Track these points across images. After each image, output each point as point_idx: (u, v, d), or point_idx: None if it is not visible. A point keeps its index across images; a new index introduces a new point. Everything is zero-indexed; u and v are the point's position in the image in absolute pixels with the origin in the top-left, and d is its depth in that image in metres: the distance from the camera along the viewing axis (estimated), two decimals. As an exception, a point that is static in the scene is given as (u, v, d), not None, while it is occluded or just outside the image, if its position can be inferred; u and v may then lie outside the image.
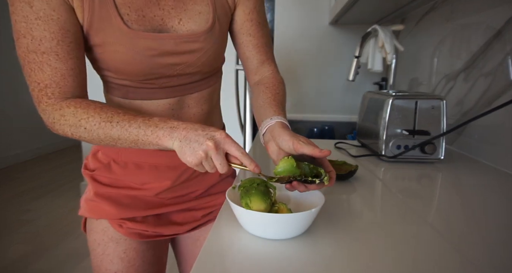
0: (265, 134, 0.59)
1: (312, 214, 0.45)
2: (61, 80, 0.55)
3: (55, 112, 0.55)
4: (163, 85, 0.63)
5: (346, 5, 1.43)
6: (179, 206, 0.74)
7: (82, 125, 0.54)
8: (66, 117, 0.54)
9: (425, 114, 0.87)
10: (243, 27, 0.70)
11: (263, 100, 0.65)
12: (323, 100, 2.06)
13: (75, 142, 4.78)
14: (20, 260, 1.89)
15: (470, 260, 0.41)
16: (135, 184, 0.70)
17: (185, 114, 0.68)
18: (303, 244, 0.44)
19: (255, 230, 0.46)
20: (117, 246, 0.69)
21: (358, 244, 0.45)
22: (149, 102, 0.65)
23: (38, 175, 3.41)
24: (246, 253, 0.42)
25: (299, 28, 2.00)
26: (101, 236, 0.70)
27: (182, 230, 0.75)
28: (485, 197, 0.66)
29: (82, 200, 0.73)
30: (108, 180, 0.70)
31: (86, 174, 0.72)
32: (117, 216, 0.69)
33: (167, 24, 0.59)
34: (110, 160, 0.70)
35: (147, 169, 0.69)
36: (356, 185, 0.70)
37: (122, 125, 0.53)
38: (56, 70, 0.54)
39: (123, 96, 0.64)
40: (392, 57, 1.41)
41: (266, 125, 0.58)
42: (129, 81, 0.62)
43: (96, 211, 0.70)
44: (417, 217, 0.55)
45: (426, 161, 0.89)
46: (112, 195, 0.70)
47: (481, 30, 0.95)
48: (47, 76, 0.54)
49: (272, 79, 0.70)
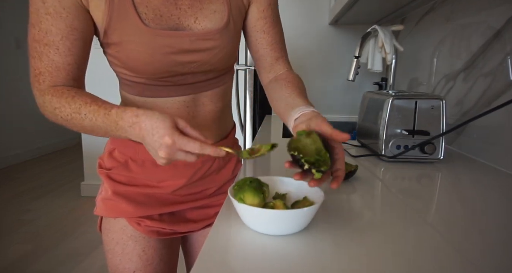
0: (298, 118, 0.55)
1: (312, 210, 0.45)
2: (55, 71, 0.57)
3: (41, 98, 0.57)
4: (178, 82, 0.64)
5: (346, 5, 1.43)
6: (193, 203, 0.74)
7: (57, 114, 0.56)
8: (45, 104, 0.57)
9: (424, 114, 0.87)
10: (257, 25, 0.69)
11: (289, 93, 0.62)
12: (323, 100, 2.06)
13: (75, 142, 4.78)
14: (20, 260, 1.89)
15: (470, 260, 0.42)
16: (152, 182, 0.70)
17: (200, 112, 0.69)
18: (303, 242, 0.44)
19: (256, 226, 0.47)
20: (136, 245, 0.70)
21: (358, 243, 0.45)
22: (164, 99, 0.65)
23: (38, 175, 3.41)
24: (247, 249, 0.42)
25: (299, 28, 2.00)
26: (120, 235, 0.70)
27: (196, 227, 0.76)
28: (485, 197, 0.66)
29: (98, 200, 0.73)
30: (125, 179, 0.70)
31: (102, 173, 0.72)
32: (135, 215, 0.69)
33: (183, 23, 0.61)
34: (128, 158, 0.70)
35: (164, 166, 0.69)
36: (356, 185, 0.70)
37: (90, 117, 0.54)
38: (52, 62, 0.57)
39: (139, 94, 0.65)
40: (391, 57, 1.41)
41: (302, 111, 0.55)
42: (145, 79, 0.62)
43: (113, 210, 0.70)
44: (417, 217, 0.55)
45: (425, 161, 0.89)
46: (130, 194, 0.70)
47: (481, 30, 0.96)
48: (43, 65, 0.57)
49: (290, 75, 0.69)
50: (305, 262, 0.40)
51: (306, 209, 0.45)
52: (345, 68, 2.00)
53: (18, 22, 3.75)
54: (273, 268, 0.39)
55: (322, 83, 2.04)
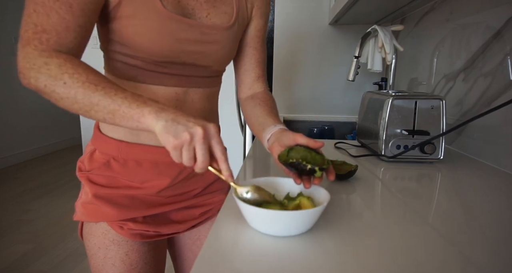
0: (269, 139, 0.64)
1: (318, 211, 0.46)
2: (64, 31, 0.52)
3: (40, 59, 0.50)
4: (174, 71, 0.64)
5: (346, 5, 1.43)
6: (178, 204, 0.73)
7: (63, 79, 0.50)
8: (49, 66, 0.50)
9: (424, 114, 0.87)
10: (251, 41, 0.76)
11: (261, 112, 0.71)
12: (323, 100, 2.06)
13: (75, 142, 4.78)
14: (20, 260, 1.89)
15: (470, 260, 0.42)
16: (135, 183, 0.68)
17: (188, 108, 0.69)
18: (303, 242, 0.44)
19: (261, 227, 0.47)
20: (119, 249, 0.68)
21: (357, 243, 0.45)
22: (156, 87, 0.64)
23: (38, 175, 3.41)
24: (247, 250, 0.42)
25: (299, 28, 2.00)
26: (102, 239, 0.68)
27: (181, 228, 0.75)
28: (485, 197, 0.66)
29: (77, 205, 0.71)
30: (106, 181, 0.68)
31: (82, 176, 0.69)
32: (118, 218, 0.67)
33: (196, 14, 0.63)
34: (109, 158, 0.68)
35: (147, 166, 0.68)
36: (356, 185, 0.70)
37: (108, 91, 0.50)
38: (63, 20, 0.51)
39: (131, 78, 0.63)
40: (391, 57, 1.41)
41: (271, 131, 0.64)
42: (142, 61, 0.61)
43: (94, 215, 0.68)
44: (417, 217, 0.55)
45: (425, 161, 0.89)
46: (111, 196, 0.68)
47: (481, 30, 0.96)
48: (50, 22, 0.51)
49: (265, 95, 0.77)
50: (305, 262, 0.40)
51: (320, 207, 0.45)
52: (345, 68, 2.00)
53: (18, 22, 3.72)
54: (273, 268, 0.39)
55: (322, 83, 2.04)
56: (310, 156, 0.55)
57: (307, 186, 0.54)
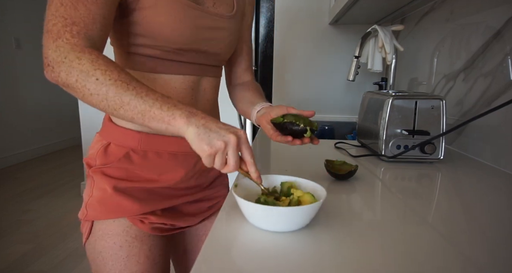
0: (259, 111, 0.73)
1: (315, 207, 0.46)
2: (91, 23, 0.53)
3: (73, 53, 0.50)
4: (190, 59, 0.67)
5: (346, 5, 1.43)
6: (189, 197, 0.75)
7: (95, 75, 0.50)
8: (82, 60, 0.50)
9: (424, 114, 0.87)
10: (243, 35, 0.82)
11: (250, 94, 0.80)
12: (323, 100, 2.06)
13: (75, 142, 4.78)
14: (20, 260, 1.89)
15: (470, 260, 0.42)
16: (153, 175, 0.68)
17: (201, 98, 0.72)
18: (304, 241, 0.44)
19: (260, 223, 0.47)
20: (142, 245, 0.66)
21: (357, 243, 0.45)
22: (175, 77, 0.66)
23: (38, 175, 3.41)
24: (249, 246, 0.42)
25: (299, 28, 2.00)
26: (124, 237, 0.65)
27: (194, 221, 0.76)
28: (485, 197, 0.66)
29: (90, 204, 0.66)
30: (124, 174, 0.66)
31: (95, 171, 0.67)
32: (140, 212, 0.66)
33: (205, 3, 0.67)
34: (128, 150, 0.66)
35: (166, 157, 0.69)
36: (356, 185, 0.70)
37: (139, 91, 0.50)
38: (89, 12, 0.52)
39: (150, 70, 0.65)
40: (392, 57, 1.41)
41: (262, 105, 0.74)
42: (161, 51, 0.63)
43: (114, 210, 0.65)
44: (417, 217, 0.55)
45: (425, 161, 0.89)
46: (131, 190, 0.66)
47: (481, 30, 0.96)
48: (78, 14, 0.51)
49: (253, 83, 0.85)
50: (305, 261, 0.40)
51: (317, 203, 0.46)
52: (345, 68, 2.00)
53: (18, 22, 3.75)
54: (273, 266, 0.39)
55: (322, 83, 2.04)
56: (302, 120, 0.64)
57: (298, 143, 0.64)
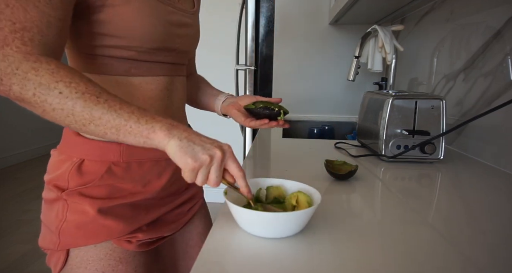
0: (224, 101, 0.80)
1: (308, 212, 0.45)
2: (47, 28, 0.46)
3: (26, 63, 0.44)
4: (164, 59, 0.65)
5: (346, 5, 1.43)
6: (172, 204, 0.72)
7: (58, 87, 0.44)
8: (40, 72, 0.44)
9: (424, 114, 0.87)
10: None
11: (206, 86, 0.88)
12: (323, 100, 2.06)
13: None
14: (20, 260, 1.89)
15: (470, 260, 0.42)
16: (137, 187, 0.64)
17: (175, 97, 0.69)
18: (304, 242, 0.44)
19: (253, 229, 0.46)
20: (127, 267, 0.62)
21: (358, 243, 0.45)
22: (150, 79, 0.63)
23: (38, 175, 3.41)
24: (245, 253, 0.42)
25: (299, 28, 2.00)
26: (107, 261, 0.60)
27: (178, 227, 0.74)
28: (485, 197, 0.66)
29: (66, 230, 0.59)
30: (107, 191, 0.61)
31: (70, 194, 0.59)
32: (126, 231, 0.61)
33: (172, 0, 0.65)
34: (109, 164, 0.61)
35: (148, 165, 0.65)
36: (356, 185, 0.70)
37: (111, 104, 0.46)
38: (43, 15, 0.45)
39: (125, 73, 0.60)
40: (392, 57, 1.41)
41: (225, 96, 0.82)
42: (135, 52, 0.59)
43: (97, 234, 0.59)
44: (417, 217, 0.55)
45: (425, 161, 0.89)
46: (115, 209, 0.61)
47: (481, 30, 0.96)
48: (29, 17, 0.44)
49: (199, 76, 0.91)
50: (305, 262, 0.40)
51: (310, 209, 0.45)
52: (345, 68, 2.00)
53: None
54: (272, 271, 0.39)
55: (322, 83, 2.04)
56: (274, 105, 0.71)
57: (274, 124, 0.71)
